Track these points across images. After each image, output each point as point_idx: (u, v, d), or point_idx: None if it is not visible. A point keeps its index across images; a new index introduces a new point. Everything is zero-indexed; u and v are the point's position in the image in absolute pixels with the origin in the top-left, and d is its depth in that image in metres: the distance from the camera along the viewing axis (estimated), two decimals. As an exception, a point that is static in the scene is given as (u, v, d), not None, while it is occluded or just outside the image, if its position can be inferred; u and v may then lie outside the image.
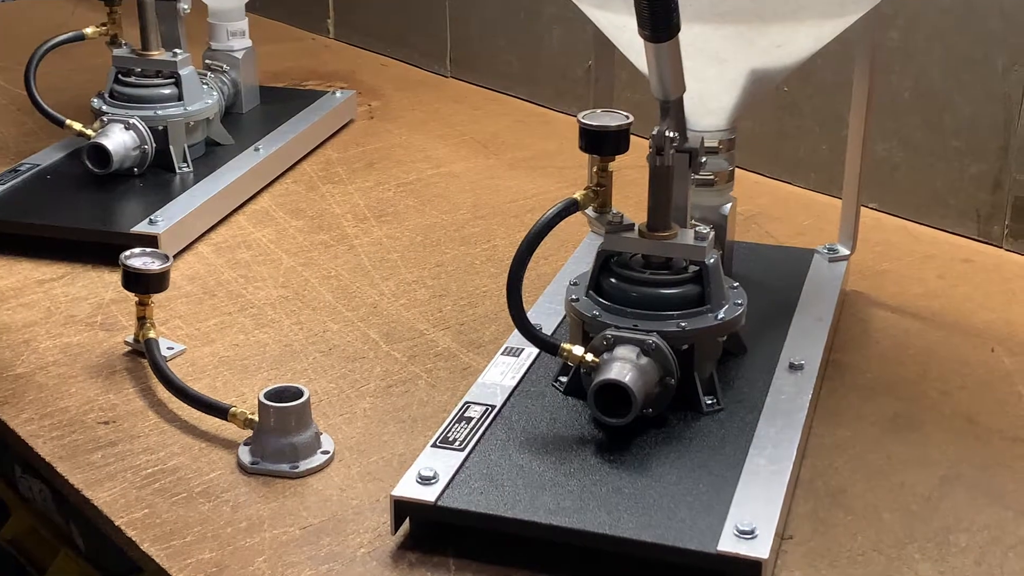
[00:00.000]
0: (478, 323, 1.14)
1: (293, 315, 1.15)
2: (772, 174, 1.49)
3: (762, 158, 1.49)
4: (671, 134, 0.92)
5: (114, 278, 1.21)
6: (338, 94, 1.67)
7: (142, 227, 1.24)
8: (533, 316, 0.95)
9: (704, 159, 0.97)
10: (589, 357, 0.90)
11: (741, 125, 1.10)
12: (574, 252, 1.22)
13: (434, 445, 0.88)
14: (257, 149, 1.46)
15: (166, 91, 1.40)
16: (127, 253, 1.04)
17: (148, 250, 1.05)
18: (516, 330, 0.92)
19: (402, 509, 0.83)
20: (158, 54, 1.42)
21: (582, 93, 1.69)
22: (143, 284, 1.03)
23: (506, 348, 1.01)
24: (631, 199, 1.26)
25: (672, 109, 0.92)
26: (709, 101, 1.04)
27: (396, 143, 1.61)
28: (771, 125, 1.48)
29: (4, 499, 1.19)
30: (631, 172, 1.15)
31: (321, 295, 1.19)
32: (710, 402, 0.93)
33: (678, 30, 0.88)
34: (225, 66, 1.56)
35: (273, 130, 1.53)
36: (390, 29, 1.97)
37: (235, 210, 1.38)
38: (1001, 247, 1.30)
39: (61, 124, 1.41)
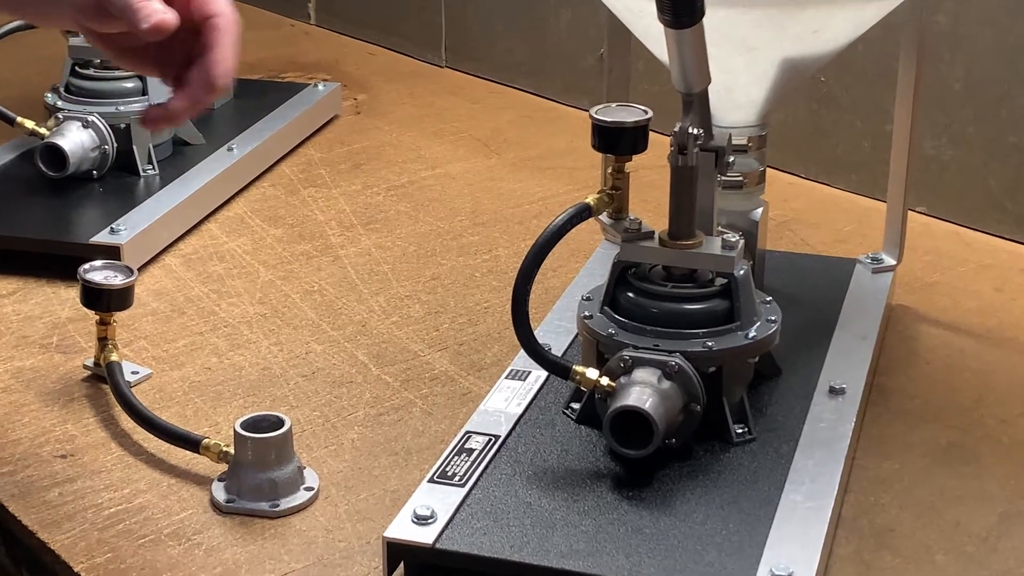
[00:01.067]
0: (479, 343, 1.15)
1: (272, 335, 1.15)
2: (807, 174, 1.49)
3: (796, 157, 1.49)
4: (695, 131, 0.92)
5: (71, 294, 1.21)
6: (320, 87, 1.68)
7: (102, 237, 1.25)
8: (541, 335, 0.96)
9: (732, 158, 0.98)
10: (604, 381, 0.90)
11: (772, 120, 1.10)
12: (586, 263, 1.22)
13: (431, 480, 0.88)
14: (230, 149, 1.47)
15: (128, 84, 1.41)
16: (86, 266, 1.04)
17: (110, 262, 1.06)
18: (522, 351, 0.92)
19: (396, 552, 0.83)
20: (120, 43, 1.42)
21: (594, 85, 1.69)
22: (104, 301, 1.04)
23: (511, 371, 1.01)
24: (649, 203, 1.27)
25: (696, 103, 0.93)
26: (737, 94, 1.04)
27: (386, 141, 1.61)
28: (806, 120, 1.48)
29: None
30: (649, 173, 1.16)
31: (303, 312, 1.20)
32: (740, 431, 0.93)
33: (702, 15, 0.88)
34: (194, 56, 1.57)
35: (248, 128, 1.53)
36: (378, 14, 1.98)
37: (206, 217, 1.39)
38: (1065, 255, 1.30)
39: (11, 122, 1.42)
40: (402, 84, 1.82)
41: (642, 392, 0.88)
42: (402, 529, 0.83)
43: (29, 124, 1.40)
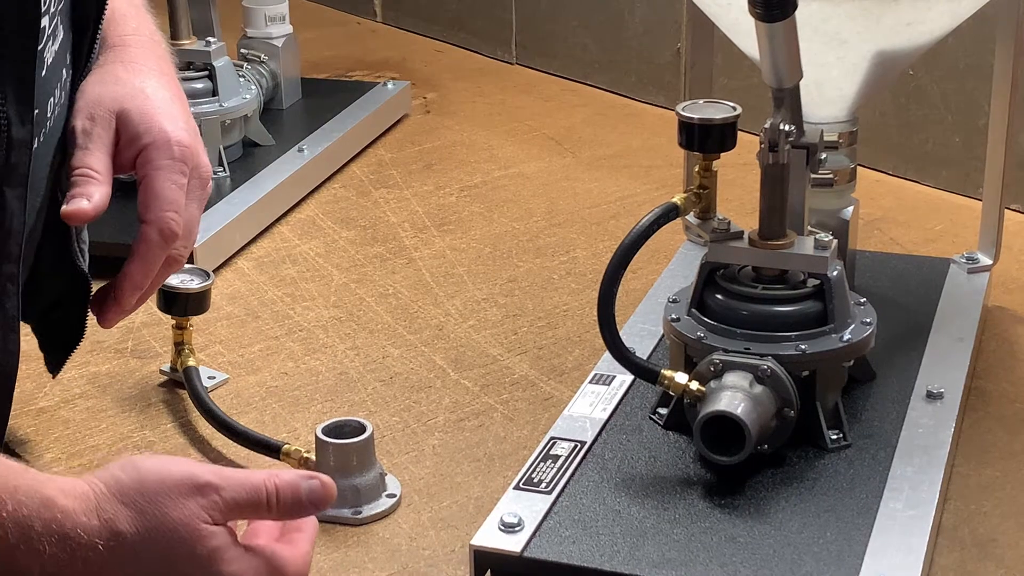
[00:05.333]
0: (559, 347, 1.15)
1: (348, 339, 1.17)
2: (896, 172, 1.48)
3: (884, 153, 1.48)
4: (786, 127, 0.92)
5: (144, 298, 1.23)
6: (390, 85, 1.69)
7: (175, 240, 1.26)
8: (624, 338, 0.96)
9: (823, 155, 0.98)
10: (694, 385, 0.91)
11: (859, 115, 1.10)
12: (668, 264, 1.22)
13: (517, 487, 0.88)
14: (301, 150, 1.48)
15: (199, 85, 1.43)
16: (163, 270, 1.06)
17: (187, 266, 1.07)
18: (605, 355, 0.93)
19: (483, 560, 0.83)
20: (189, 43, 1.44)
21: (670, 80, 1.69)
22: (182, 305, 1.05)
23: (594, 375, 1.02)
24: (731, 202, 1.27)
25: (787, 99, 0.93)
26: (828, 88, 1.04)
27: (457, 141, 1.63)
28: (893, 115, 1.47)
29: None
30: (729, 171, 1.15)
31: (378, 316, 1.21)
32: (835, 437, 0.93)
33: (795, 8, 0.88)
34: (263, 56, 1.59)
35: (318, 128, 1.55)
36: (445, 10, 1.99)
37: (278, 220, 1.40)
38: None
39: (80, 124, 1.44)
40: (471, 82, 1.83)
41: (734, 397, 0.88)
42: (489, 537, 0.84)
43: (99, 126, 1.42)
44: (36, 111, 0.80)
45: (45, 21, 0.79)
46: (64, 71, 0.86)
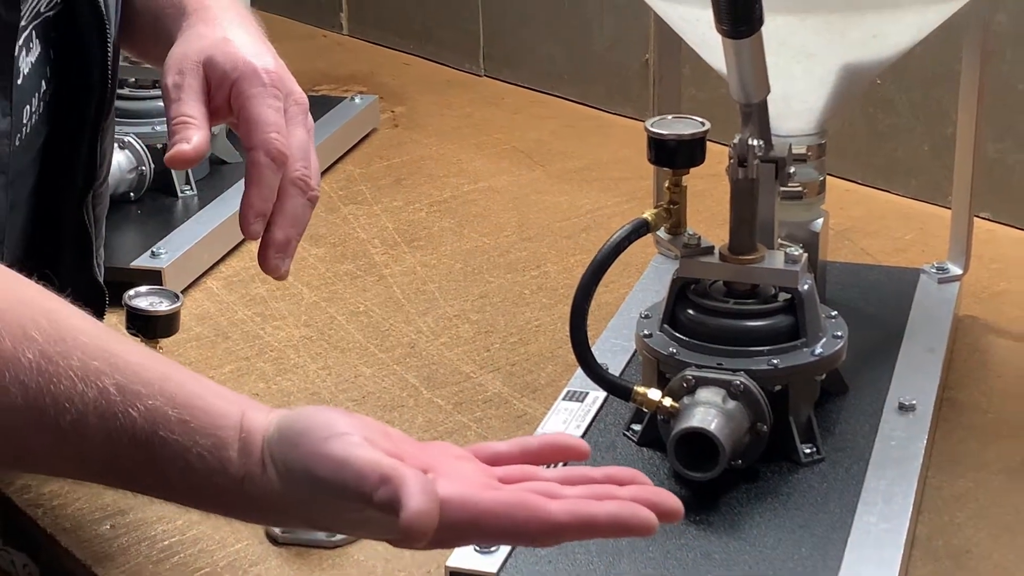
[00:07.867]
0: (532, 363, 1.16)
1: (319, 358, 1.17)
2: (865, 181, 1.50)
3: (853, 163, 1.50)
4: (755, 142, 0.93)
5: (112, 320, 1.22)
6: (357, 100, 1.70)
7: (143, 261, 1.26)
8: (597, 354, 0.97)
9: (792, 169, 0.99)
10: (667, 402, 0.91)
11: (827, 125, 1.11)
12: (640, 278, 1.23)
13: (491, 507, 0.89)
14: (268, 167, 1.48)
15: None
16: (131, 292, 1.06)
17: (154, 288, 1.08)
18: (578, 371, 0.93)
19: (458, 582, 0.84)
20: (154, 61, 1.44)
21: (639, 92, 1.70)
22: (151, 327, 1.06)
23: (568, 392, 1.03)
24: (702, 214, 1.27)
25: (755, 113, 0.94)
26: (795, 101, 1.05)
27: (426, 155, 1.63)
28: (862, 124, 1.49)
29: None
30: (700, 183, 1.16)
31: (350, 334, 1.21)
32: (809, 451, 0.94)
33: (761, 23, 0.89)
34: (229, 72, 1.59)
35: (285, 144, 1.55)
36: (413, 22, 2.00)
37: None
38: None
39: (45, 144, 1.44)
40: (440, 95, 1.84)
41: (707, 413, 0.89)
42: (465, 559, 0.84)
43: (64, 146, 1.42)
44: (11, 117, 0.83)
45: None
46: (43, 83, 0.89)
